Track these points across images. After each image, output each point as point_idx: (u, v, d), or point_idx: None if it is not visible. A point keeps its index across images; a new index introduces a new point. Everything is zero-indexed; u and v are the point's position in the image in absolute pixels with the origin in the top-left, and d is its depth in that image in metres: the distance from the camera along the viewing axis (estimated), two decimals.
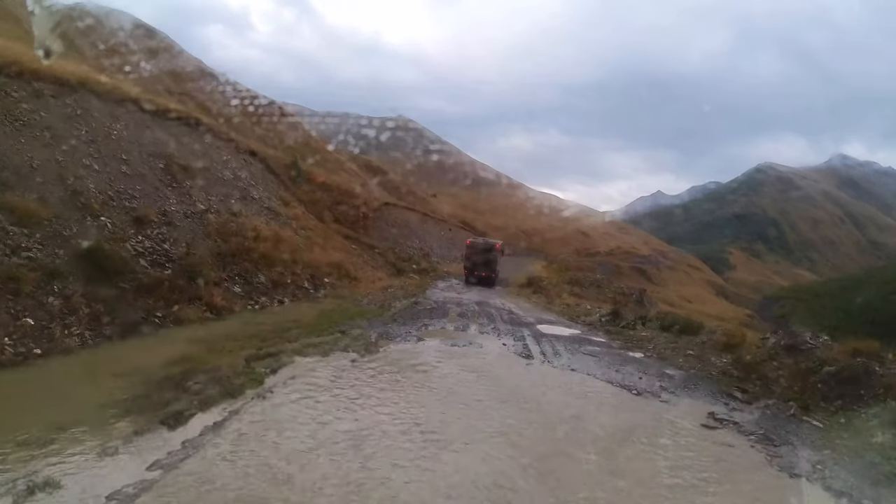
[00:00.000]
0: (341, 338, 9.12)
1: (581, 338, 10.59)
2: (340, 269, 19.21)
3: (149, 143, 17.70)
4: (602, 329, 12.12)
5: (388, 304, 13.84)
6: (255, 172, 24.47)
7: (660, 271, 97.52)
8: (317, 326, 10.26)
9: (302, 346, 8.38)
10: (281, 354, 7.89)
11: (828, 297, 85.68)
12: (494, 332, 10.38)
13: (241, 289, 13.49)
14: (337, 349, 8.22)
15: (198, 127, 21.94)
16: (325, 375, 6.78)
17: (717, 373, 8.62)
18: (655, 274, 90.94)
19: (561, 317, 13.77)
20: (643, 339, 11.06)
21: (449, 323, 11.12)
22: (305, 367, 7.17)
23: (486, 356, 8.29)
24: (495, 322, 11.66)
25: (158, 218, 14.35)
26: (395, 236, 38.62)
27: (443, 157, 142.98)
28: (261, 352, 8.09)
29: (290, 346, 8.46)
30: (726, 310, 75.91)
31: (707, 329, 12.87)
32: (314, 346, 8.40)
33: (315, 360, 7.61)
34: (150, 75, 31.06)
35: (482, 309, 13.94)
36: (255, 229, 16.13)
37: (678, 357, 9.71)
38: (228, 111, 36.17)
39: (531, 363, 8.17)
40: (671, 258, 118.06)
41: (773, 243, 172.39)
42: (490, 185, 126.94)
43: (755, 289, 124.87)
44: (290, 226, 21.00)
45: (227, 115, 33.24)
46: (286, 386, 6.29)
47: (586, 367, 8.20)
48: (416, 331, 9.90)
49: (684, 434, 5.90)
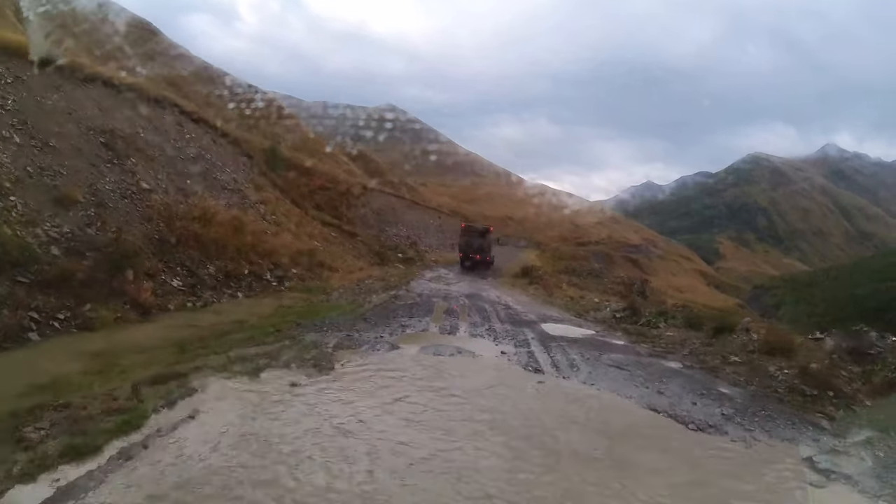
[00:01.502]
0: (289, 346, 6.88)
1: (598, 341, 8.45)
2: (313, 258, 16.90)
3: (92, 117, 15.31)
4: (618, 328, 10.01)
5: (363, 299, 11.61)
6: (224, 153, 22.03)
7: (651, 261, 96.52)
8: (264, 329, 8.01)
9: (230, 361, 6.13)
10: (194, 375, 5.64)
11: (818, 287, 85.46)
12: (490, 335, 8.21)
13: (181, 282, 11.15)
14: (276, 365, 5.99)
15: (158, 103, 19.51)
16: (235, 415, 4.54)
17: (783, 390, 6.55)
18: (646, 263, 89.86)
19: (566, 312, 11.64)
20: (672, 342, 8.98)
21: (433, 323, 8.93)
22: (216, 397, 4.94)
23: (481, 373, 6.09)
24: (490, 321, 9.48)
25: (86, 198, 11.98)
26: (380, 224, 36.30)
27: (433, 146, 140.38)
28: (169, 371, 5.84)
29: (213, 361, 6.20)
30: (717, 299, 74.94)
31: (740, 326, 10.87)
32: (247, 361, 6.15)
33: (237, 384, 5.36)
34: (119, 53, 28.46)
35: (474, 303, 11.78)
36: (207, 212, 13.73)
37: (724, 366, 7.64)
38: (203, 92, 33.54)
39: (543, 381, 6.01)
40: (662, 248, 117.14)
41: (763, 233, 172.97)
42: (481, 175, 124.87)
43: (745, 278, 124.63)
44: (258, 210, 18.62)
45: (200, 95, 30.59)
46: (168, 436, 4.04)
47: (617, 385, 6.07)
48: (389, 334, 7.68)
49: None
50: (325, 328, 8.02)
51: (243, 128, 29.81)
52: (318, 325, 8.18)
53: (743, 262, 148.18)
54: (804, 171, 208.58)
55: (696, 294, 73.12)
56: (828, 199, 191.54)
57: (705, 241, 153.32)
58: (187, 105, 21.06)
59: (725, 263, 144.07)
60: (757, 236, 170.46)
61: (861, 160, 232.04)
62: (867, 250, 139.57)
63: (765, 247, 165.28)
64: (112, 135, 14.78)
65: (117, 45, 30.95)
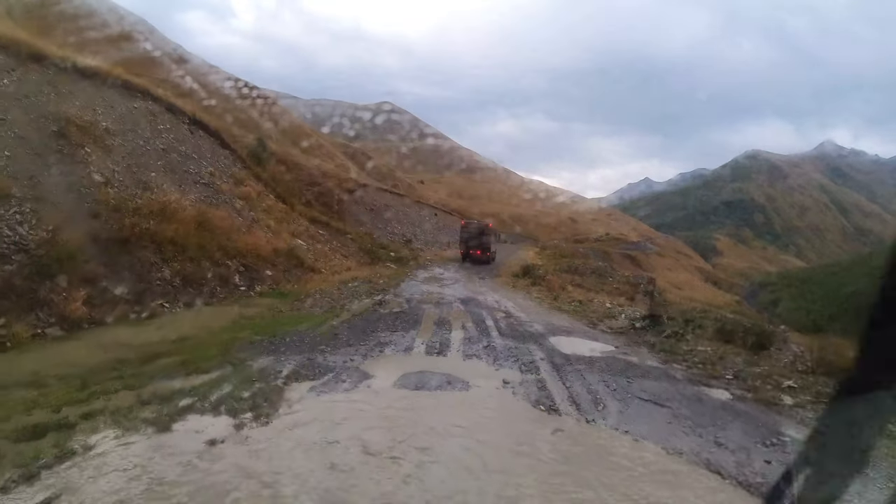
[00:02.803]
0: (228, 377, 5.30)
1: (621, 361, 6.89)
2: (292, 258, 15.30)
3: (46, 103, 13.74)
4: (641, 341, 8.46)
5: (342, 306, 10.02)
6: (202, 146, 20.41)
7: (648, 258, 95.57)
8: (206, 351, 6.41)
9: (140, 402, 4.55)
10: (83, 425, 4.06)
11: (815, 283, 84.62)
12: (488, 355, 6.63)
13: (127, 288, 9.52)
14: (201, 408, 4.40)
15: (129, 90, 17.90)
16: (111, 501, 3.00)
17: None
18: (644, 260, 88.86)
19: (576, 320, 10.08)
20: (709, 360, 7.44)
21: (420, 337, 7.35)
22: (96, 467, 3.37)
23: (476, 418, 4.50)
24: (489, 334, 7.91)
25: (23, 192, 10.42)
26: (373, 221, 34.77)
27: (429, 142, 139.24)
28: (53, 418, 4.26)
29: (119, 402, 4.62)
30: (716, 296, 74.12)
31: (778, 336, 9.36)
32: (164, 401, 4.57)
33: (136, 440, 3.78)
34: (93, 42, 26.88)
35: (469, 310, 10.20)
36: (167, 207, 12.11)
37: (781, 394, 6.11)
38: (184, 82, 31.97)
39: (561, 427, 4.45)
40: (660, 244, 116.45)
41: (761, 229, 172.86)
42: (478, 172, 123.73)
43: (743, 275, 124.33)
44: (233, 205, 16.99)
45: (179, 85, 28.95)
46: None
47: (661, 431, 4.51)
48: (363, 357, 6.10)
49: None
50: (285, 348, 6.43)
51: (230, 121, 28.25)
52: (276, 344, 6.59)
53: (740, 259, 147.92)
54: (801, 167, 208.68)
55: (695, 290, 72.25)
56: (825, 195, 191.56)
57: (703, 237, 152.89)
58: (160, 92, 19.41)
59: (723, 260, 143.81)
60: (754, 233, 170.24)
61: (858, 157, 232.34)
62: (864, 247, 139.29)
63: (762, 243, 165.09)
64: (67, 122, 13.19)
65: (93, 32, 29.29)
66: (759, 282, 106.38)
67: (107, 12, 32.93)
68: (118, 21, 33.01)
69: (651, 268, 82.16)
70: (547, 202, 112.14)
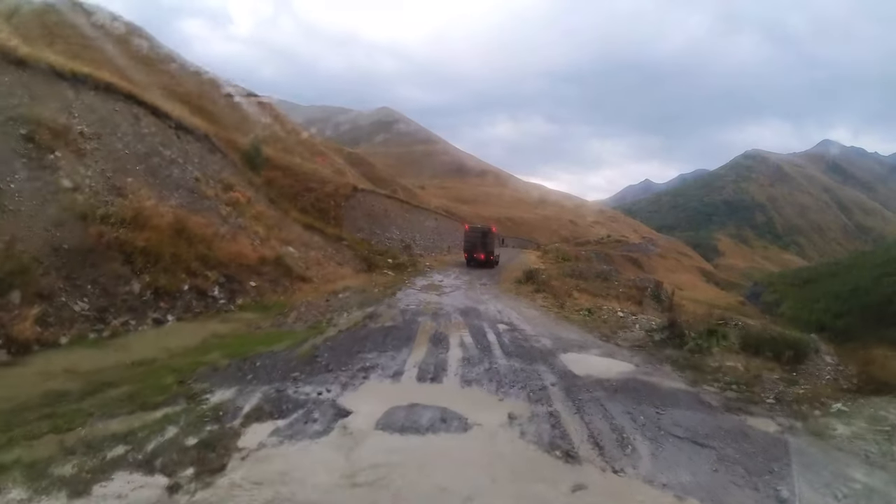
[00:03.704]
0: (178, 415, 4.39)
1: (644, 384, 5.97)
2: (280, 267, 14.38)
3: (17, 106, 12.83)
4: (661, 356, 7.54)
5: (328, 320, 9.10)
6: (189, 150, 19.50)
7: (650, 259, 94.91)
8: (161, 379, 5.49)
9: (63, 452, 3.65)
10: None
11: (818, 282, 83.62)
12: (490, 379, 5.71)
13: (89, 304, 8.62)
14: (133, 461, 3.50)
15: (110, 92, 17.02)
16: None
17: None
18: (646, 261, 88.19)
19: (588, 333, 9.14)
20: (741, 378, 6.52)
21: (412, 357, 6.43)
22: None
23: (478, 473, 3.54)
24: (491, 353, 6.98)
25: None
26: (371, 227, 33.93)
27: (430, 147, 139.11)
28: None
29: (37, 452, 3.72)
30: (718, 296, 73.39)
31: (810, 346, 8.41)
32: (91, 451, 3.67)
33: None
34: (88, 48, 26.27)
35: (470, 322, 9.28)
36: (140, 213, 11.22)
37: (835, 422, 5.19)
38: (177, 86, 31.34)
39: (581, 481, 3.53)
40: (661, 245, 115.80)
41: (762, 229, 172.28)
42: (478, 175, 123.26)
43: (744, 274, 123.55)
44: (217, 211, 16.08)
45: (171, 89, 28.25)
46: None
47: (707, 483, 3.58)
48: (342, 387, 5.18)
49: None
50: (253, 374, 5.51)
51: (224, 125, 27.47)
52: (244, 370, 5.67)
53: (742, 259, 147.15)
54: (801, 166, 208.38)
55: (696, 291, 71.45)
56: (825, 194, 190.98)
57: (704, 237, 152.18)
58: (146, 95, 18.56)
59: (724, 260, 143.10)
60: (755, 232, 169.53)
61: (858, 155, 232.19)
62: (865, 245, 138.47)
63: (763, 243, 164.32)
64: (38, 125, 12.32)
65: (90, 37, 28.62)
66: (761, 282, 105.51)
67: (106, 19, 32.31)
68: (116, 27, 32.40)
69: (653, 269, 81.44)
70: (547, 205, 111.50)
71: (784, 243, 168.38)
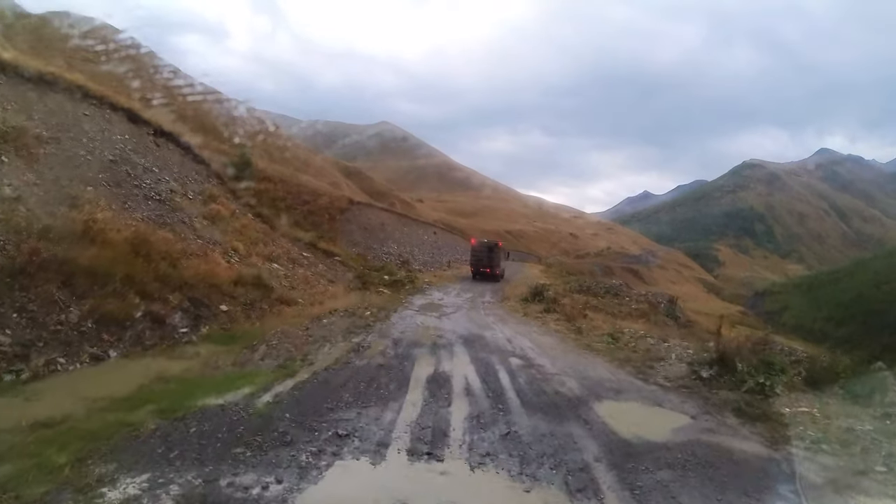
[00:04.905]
0: None
1: (712, 449, 4.39)
2: (258, 288, 12.78)
3: None
4: (718, 401, 5.98)
5: (303, 356, 7.49)
6: (169, 159, 18.00)
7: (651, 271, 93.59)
8: (53, 456, 3.90)
9: None
10: None
11: (819, 290, 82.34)
12: (510, 454, 4.09)
13: (10, 337, 7.03)
14: None
15: (84, 96, 15.60)
16: None
17: None
18: (646, 273, 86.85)
19: (617, 366, 7.57)
20: (830, 434, 4.97)
21: (403, 414, 4.85)
22: None
23: None
24: (505, 403, 5.39)
25: None
26: (367, 241, 32.40)
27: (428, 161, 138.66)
28: None
29: None
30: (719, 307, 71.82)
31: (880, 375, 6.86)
32: None
33: None
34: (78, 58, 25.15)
35: (476, 355, 7.71)
36: (91, 227, 9.68)
37: None
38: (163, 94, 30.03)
39: None
40: (661, 257, 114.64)
41: (761, 238, 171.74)
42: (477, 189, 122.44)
43: (745, 284, 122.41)
44: (190, 225, 14.54)
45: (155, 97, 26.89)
46: None
47: None
48: (300, 471, 3.56)
49: None
50: (181, 450, 3.94)
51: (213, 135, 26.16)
52: (169, 442, 4.09)
53: (742, 268, 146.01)
54: (799, 175, 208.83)
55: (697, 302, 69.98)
56: (824, 202, 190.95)
57: (704, 248, 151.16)
58: (121, 100, 17.10)
59: (725, 270, 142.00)
60: (755, 242, 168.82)
61: (855, 162, 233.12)
62: (864, 251, 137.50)
63: (763, 252, 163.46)
64: None
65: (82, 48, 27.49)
66: (762, 291, 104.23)
67: (102, 29, 31.35)
68: (109, 39, 31.35)
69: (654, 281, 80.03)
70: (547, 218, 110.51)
71: (784, 252, 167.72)
